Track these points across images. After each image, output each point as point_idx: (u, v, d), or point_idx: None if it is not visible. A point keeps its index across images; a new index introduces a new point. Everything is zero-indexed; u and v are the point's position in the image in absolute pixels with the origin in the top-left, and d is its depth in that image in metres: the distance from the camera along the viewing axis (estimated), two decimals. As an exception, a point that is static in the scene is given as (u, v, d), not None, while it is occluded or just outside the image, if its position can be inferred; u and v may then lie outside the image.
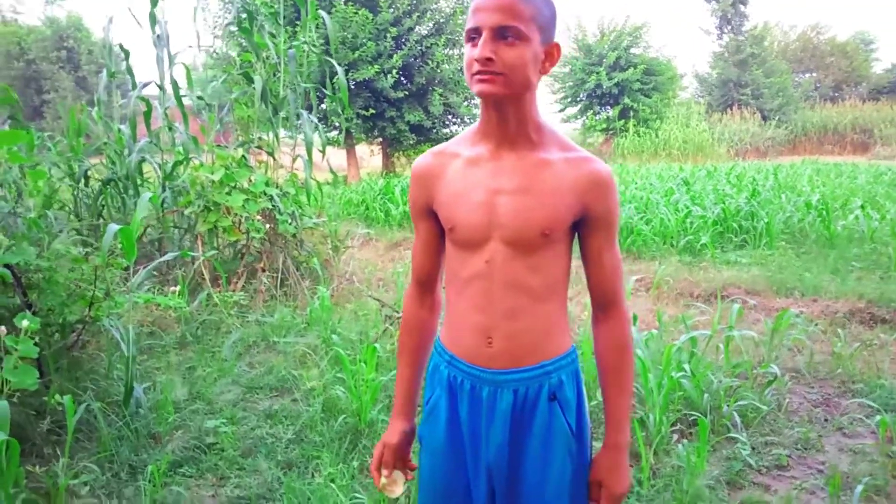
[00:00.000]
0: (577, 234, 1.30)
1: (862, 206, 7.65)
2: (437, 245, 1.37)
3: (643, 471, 2.58)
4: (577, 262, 1.31)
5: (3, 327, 2.68)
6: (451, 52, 16.15)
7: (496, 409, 1.28)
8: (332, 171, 6.03)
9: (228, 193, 4.82)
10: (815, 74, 37.94)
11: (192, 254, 4.65)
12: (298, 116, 5.57)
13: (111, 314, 3.37)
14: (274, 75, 5.52)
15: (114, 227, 2.86)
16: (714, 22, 32.77)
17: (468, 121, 17.05)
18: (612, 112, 25.19)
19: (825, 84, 37.15)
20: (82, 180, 5.52)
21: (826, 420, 3.19)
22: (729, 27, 32.34)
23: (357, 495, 2.40)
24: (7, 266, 2.91)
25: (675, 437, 2.94)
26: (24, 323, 2.64)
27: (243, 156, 5.06)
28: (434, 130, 16.13)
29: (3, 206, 2.94)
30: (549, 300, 1.28)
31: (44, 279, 3.09)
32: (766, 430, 3.05)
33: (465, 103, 16.40)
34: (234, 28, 5.53)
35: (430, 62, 15.25)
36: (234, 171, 4.89)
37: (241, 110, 5.39)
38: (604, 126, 25.68)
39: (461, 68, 16.06)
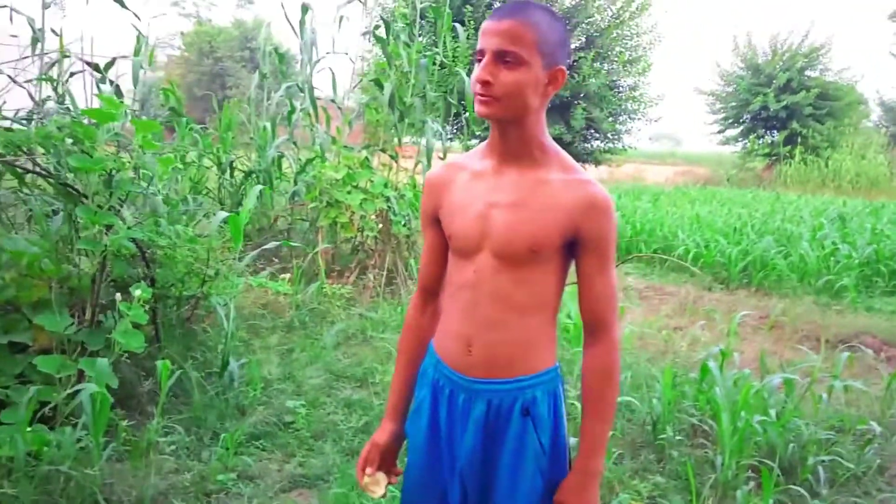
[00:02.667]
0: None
1: None
2: (441, 253, 1.42)
3: (693, 513, 2.45)
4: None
5: (118, 294, 3.06)
6: (599, 65, 15.84)
7: (470, 416, 1.32)
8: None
9: (349, 192, 5.11)
10: None
11: (294, 244, 4.98)
12: (424, 124, 5.78)
13: (221, 293, 3.70)
14: (405, 83, 5.76)
15: (222, 214, 3.16)
16: (908, 44, 29.57)
17: (611, 137, 16.69)
18: (777, 137, 23.51)
19: None
20: (227, 171, 6.07)
21: (934, 492, 2.84)
22: (926, 51, 29.04)
23: (392, 489, 2.49)
24: (134, 241, 3.30)
25: (751, 485, 2.75)
26: (138, 292, 2.99)
27: (366, 157, 5.33)
28: (574, 144, 15.89)
29: (137, 188, 3.32)
30: (532, 316, 1.29)
31: (165, 256, 3.47)
32: (857, 492, 2.78)
33: (610, 119, 16.06)
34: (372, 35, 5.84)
35: (576, 75, 15.10)
36: (355, 172, 5.17)
37: (370, 114, 5.68)
38: (767, 151, 24.03)
39: (608, 83, 15.76)
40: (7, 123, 3.61)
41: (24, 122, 4.04)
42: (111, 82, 4.81)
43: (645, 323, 5.24)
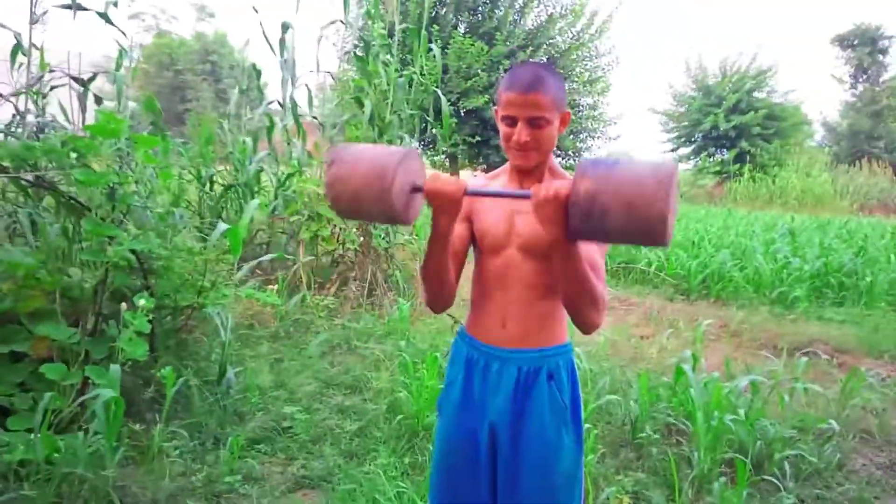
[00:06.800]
0: None
1: (985, 275, 7.17)
2: (467, 238, 1.67)
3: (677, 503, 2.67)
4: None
5: (123, 304, 3.14)
6: (562, 85, 16.27)
7: (502, 379, 1.59)
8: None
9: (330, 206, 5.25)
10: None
11: (288, 256, 5.09)
12: (401, 140, 5.96)
13: (216, 304, 3.80)
14: (383, 101, 5.94)
15: (223, 227, 3.28)
16: (848, 70, 31.16)
17: (571, 154, 17.17)
18: (727, 155, 24.44)
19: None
20: (207, 184, 6.14)
21: (887, 482, 3.12)
22: (864, 77, 30.63)
23: (401, 485, 2.65)
24: (133, 252, 3.39)
25: (724, 479, 2.98)
26: (142, 302, 3.08)
27: (347, 173, 5.48)
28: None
29: (137, 201, 3.42)
30: (552, 297, 1.58)
31: (162, 267, 3.56)
32: (819, 485, 3.03)
33: (570, 136, 16.52)
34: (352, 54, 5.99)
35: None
36: (337, 186, 5.31)
37: (350, 131, 5.82)
38: (717, 169, 24.94)
39: (570, 102, 16.22)
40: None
41: (8, 134, 4.09)
42: (97, 98, 4.87)
43: (615, 331, 5.49)
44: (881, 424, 3.69)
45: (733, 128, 23.83)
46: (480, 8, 15.88)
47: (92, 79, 5.05)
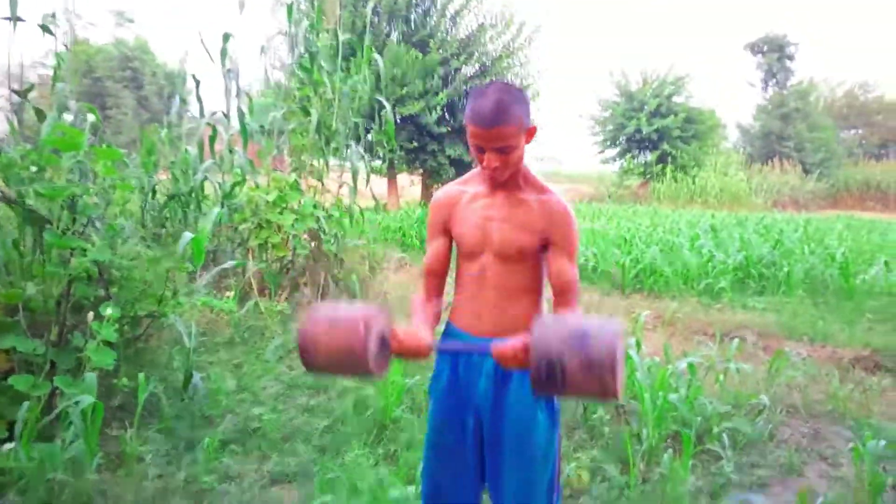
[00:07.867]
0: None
1: (886, 263, 7.85)
2: (446, 259, 1.85)
3: (631, 475, 2.91)
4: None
5: (91, 314, 3.17)
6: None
7: (483, 367, 1.77)
8: (374, 198, 6.50)
9: (280, 213, 5.32)
10: (860, 131, 37.76)
11: (246, 263, 5.13)
12: (347, 147, 6.09)
13: (175, 312, 3.83)
14: (328, 109, 6.05)
15: (188, 236, 3.34)
16: (760, 75, 33.02)
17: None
18: (650, 157, 25.49)
19: (870, 141, 36.94)
20: (150, 194, 6.08)
21: (812, 450, 3.47)
22: (774, 81, 32.53)
23: (382, 471, 2.79)
24: (95, 262, 3.40)
25: (670, 451, 3.25)
26: (108, 311, 3.12)
27: (295, 180, 5.57)
28: (473, 164, 16.60)
29: (95, 212, 3.43)
30: (524, 296, 1.76)
31: (122, 276, 3.57)
32: (753, 454, 3.35)
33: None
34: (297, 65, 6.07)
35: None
36: (286, 194, 5.39)
37: (296, 139, 5.90)
38: (641, 170, 25.98)
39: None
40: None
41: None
42: (37, 111, 4.78)
43: (558, 327, 5.76)
44: (804, 399, 4.06)
45: (655, 131, 24.85)
46: (413, 17, 16.16)
47: (29, 89, 4.96)
